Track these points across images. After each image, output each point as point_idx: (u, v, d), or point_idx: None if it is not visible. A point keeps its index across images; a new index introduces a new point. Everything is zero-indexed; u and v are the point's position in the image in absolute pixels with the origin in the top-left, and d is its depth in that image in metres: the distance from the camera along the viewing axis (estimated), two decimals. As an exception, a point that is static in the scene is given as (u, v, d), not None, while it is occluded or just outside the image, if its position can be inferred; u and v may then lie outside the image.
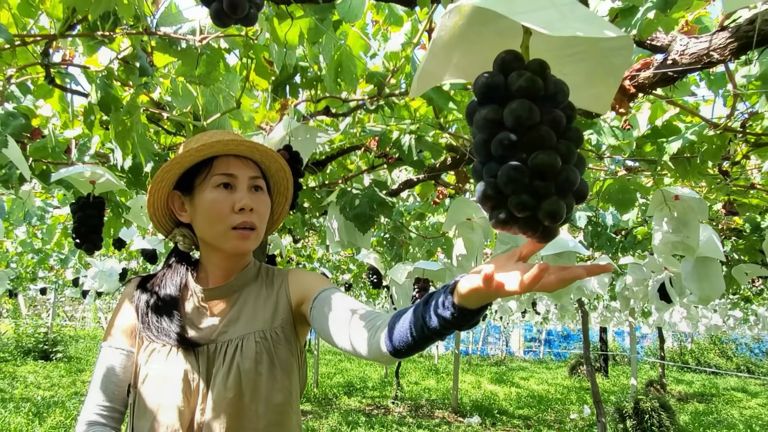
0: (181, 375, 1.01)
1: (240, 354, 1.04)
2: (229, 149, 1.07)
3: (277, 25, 1.23)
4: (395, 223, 3.11)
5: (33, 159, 1.80)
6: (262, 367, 1.04)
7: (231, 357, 1.04)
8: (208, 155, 1.07)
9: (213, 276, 1.14)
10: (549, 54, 0.63)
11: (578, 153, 0.58)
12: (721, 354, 16.60)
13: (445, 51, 0.66)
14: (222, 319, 1.10)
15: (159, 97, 1.68)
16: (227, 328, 1.08)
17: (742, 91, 1.46)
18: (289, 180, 1.21)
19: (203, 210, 1.06)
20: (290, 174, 1.20)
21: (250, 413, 1.02)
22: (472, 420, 7.43)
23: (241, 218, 1.06)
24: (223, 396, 1.01)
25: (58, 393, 7.66)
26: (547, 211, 0.54)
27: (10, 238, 5.19)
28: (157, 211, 1.13)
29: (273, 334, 1.08)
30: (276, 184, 1.21)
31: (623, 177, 2.23)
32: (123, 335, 1.10)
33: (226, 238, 1.06)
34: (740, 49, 1.17)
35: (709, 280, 2.57)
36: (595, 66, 0.69)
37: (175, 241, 1.17)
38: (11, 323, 13.74)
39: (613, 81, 0.71)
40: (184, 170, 1.09)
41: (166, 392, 1.01)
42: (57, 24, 1.30)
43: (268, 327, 1.09)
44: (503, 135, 0.56)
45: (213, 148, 1.05)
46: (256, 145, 1.08)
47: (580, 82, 0.69)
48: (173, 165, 1.06)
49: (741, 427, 7.71)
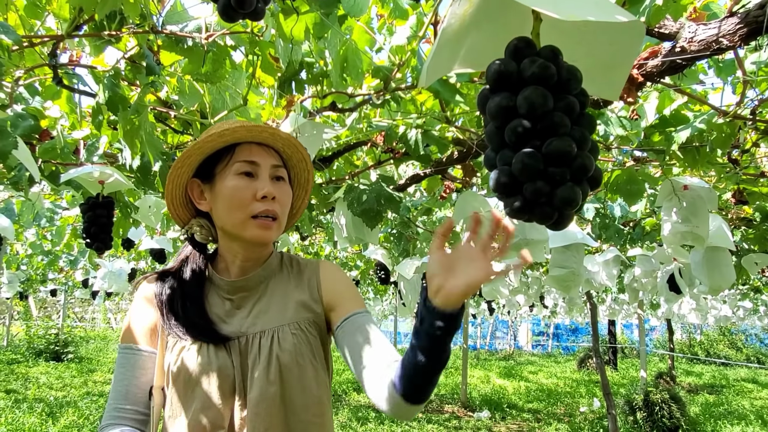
0: (216, 371, 0.99)
1: (278, 346, 1.02)
2: (252, 135, 1.05)
3: (282, 21, 1.22)
4: (402, 218, 3.11)
5: (42, 160, 1.82)
6: (302, 359, 1.03)
7: (268, 350, 1.01)
8: (231, 141, 1.05)
9: (234, 267, 1.10)
10: (559, 40, 0.63)
11: (591, 139, 0.58)
12: (731, 345, 16.52)
13: (455, 40, 0.66)
14: (250, 311, 1.07)
15: (166, 95, 1.69)
16: (257, 320, 1.06)
17: (752, 78, 1.45)
18: (310, 172, 1.18)
19: (224, 197, 1.03)
20: (311, 166, 1.17)
21: (293, 406, 1.00)
22: (481, 414, 7.43)
23: (263, 206, 1.03)
24: (266, 390, 0.98)
25: (70, 393, 7.72)
26: (562, 197, 0.54)
27: (20, 240, 5.23)
28: (175, 200, 1.11)
29: (306, 325, 1.07)
30: (297, 176, 1.18)
31: (631, 168, 2.22)
32: (143, 336, 1.06)
33: (246, 227, 1.03)
34: (750, 34, 1.16)
35: (719, 270, 2.56)
36: (605, 52, 0.69)
37: (191, 233, 1.13)
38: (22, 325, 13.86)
39: (624, 67, 0.71)
40: (205, 156, 1.07)
41: (202, 390, 0.98)
42: (64, 25, 1.30)
43: (301, 318, 1.07)
44: (517, 122, 0.55)
45: (236, 134, 1.03)
46: (279, 132, 1.06)
47: (590, 69, 0.69)
48: (194, 151, 1.04)
49: (752, 418, 7.68)
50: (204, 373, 0.99)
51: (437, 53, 0.65)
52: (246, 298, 1.09)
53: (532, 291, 6.55)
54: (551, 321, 20.17)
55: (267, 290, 1.11)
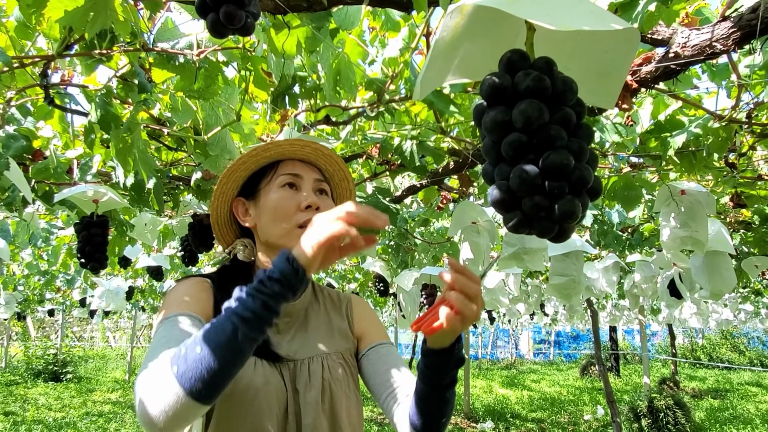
0: (273, 392, 0.96)
1: (329, 374, 1.02)
2: (295, 150, 1.05)
3: (274, 36, 1.22)
4: (400, 230, 3.10)
5: (35, 180, 1.80)
6: (350, 390, 1.05)
7: (320, 376, 1.01)
8: (275, 157, 1.06)
9: None
10: (553, 50, 0.62)
11: (590, 150, 0.57)
12: (734, 348, 16.47)
13: (448, 51, 0.65)
14: (293, 336, 1.06)
15: (159, 113, 1.68)
16: (302, 346, 1.05)
17: (746, 81, 1.45)
18: (351, 191, 1.18)
19: (269, 209, 1.03)
20: (353, 185, 1.17)
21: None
22: (485, 425, 7.36)
23: (307, 216, 1.01)
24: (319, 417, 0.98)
25: (69, 414, 7.64)
26: (562, 211, 0.53)
27: (16, 261, 5.20)
28: (220, 219, 1.11)
29: (349, 356, 1.10)
30: (339, 196, 1.18)
31: (628, 174, 2.21)
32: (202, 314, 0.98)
33: (291, 237, 1.01)
34: (743, 38, 1.15)
35: (720, 274, 2.54)
36: (600, 60, 0.68)
37: (235, 252, 1.12)
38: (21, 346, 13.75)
39: (619, 75, 0.70)
40: (249, 173, 1.07)
41: (257, 409, 0.94)
42: (54, 44, 1.29)
43: (344, 348, 1.10)
44: (513, 136, 0.54)
45: (280, 148, 1.04)
46: (322, 149, 1.07)
47: (585, 78, 0.68)
48: (238, 167, 1.04)
49: (758, 422, 7.63)
50: (260, 390, 0.95)
51: (430, 65, 0.64)
52: (288, 324, 1.08)
53: (532, 299, 6.52)
54: (552, 329, 20.11)
55: (307, 317, 1.11)
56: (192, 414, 0.75)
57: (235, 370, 0.75)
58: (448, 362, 0.88)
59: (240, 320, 0.73)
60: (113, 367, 13.92)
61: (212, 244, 2.42)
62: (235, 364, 0.74)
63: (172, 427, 0.75)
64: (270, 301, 0.74)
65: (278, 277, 0.75)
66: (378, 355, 1.10)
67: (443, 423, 0.95)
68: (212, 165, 1.62)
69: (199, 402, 0.73)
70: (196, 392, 0.72)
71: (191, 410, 0.74)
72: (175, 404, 0.73)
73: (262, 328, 0.74)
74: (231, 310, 0.74)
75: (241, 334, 0.73)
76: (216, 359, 0.72)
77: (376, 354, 1.10)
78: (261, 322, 0.74)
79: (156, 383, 0.75)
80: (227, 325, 0.73)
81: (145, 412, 0.75)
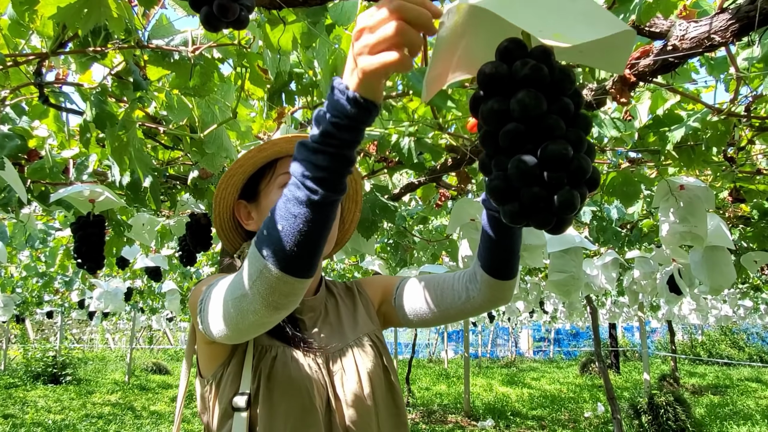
0: (312, 384, 0.94)
1: (363, 362, 1.01)
2: (291, 147, 1.00)
3: (269, 31, 1.21)
4: (399, 228, 3.09)
5: (31, 180, 1.79)
6: (387, 373, 1.04)
7: (354, 366, 1.00)
8: (272, 156, 1.03)
9: None
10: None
11: (588, 140, 0.56)
12: (733, 345, 16.49)
13: (448, 49, 0.64)
14: (320, 331, 1.05)
15: (154, 111, 1.67)
16: (330, 338, 1.04)
17: (745, 74, 1.44)
18: (357, 182, 1.16)
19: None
20: (359, 175, 1.15)
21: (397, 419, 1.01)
22: (485, 423, 7.36)
23: None
24: (361, 410, 0.96)
25: (69, 416, 7.63)
26: (561, 202, 0.52)
27: (14, 263, 5.18)
28: (224, 224, 1.08)
29: (376, 337, 1.09)
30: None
31: (627, 169, 2.21)
32: None
33: None
34: (742, 30, 1.14)
35: (719, 269, 2.54)
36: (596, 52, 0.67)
37: (244, 257, 1.07)
38: (20, 348, 13.73)
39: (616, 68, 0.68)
40: (247, 175, 1.05)
41: (301, 402, 0.91)
42: (48, 42, 1.28)
43: (370, 330, 1.09)
44: (511, 126, 0.53)
45: (276, 146, 1.01)
46: None
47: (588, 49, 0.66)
48: (236, 171, 1.02)
49: (758, 418, 7.63)
50: (304, 385, 0.93)
51: (434, 66, 0.63)
52: (312, 319, 1.07)
53: (531, 297, 6.52)
54: (552, 326, 20.11)
55: (328, 310, 1.10)
56: (294, 292, 0.69)
57: (325, 234, 0.67)
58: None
59: (316, 182, 0.64)
60: (113, 369, 13.89)
61: (210, 244, 2.41)
62: (324, 229, 0.67)
63: (272, 313, 0.70)
64: (345, 151, 0.64)
65: (348, 123, 0.63)
66: (405, 286, 1.11)
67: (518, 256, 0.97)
68: (209, 163, 1.61)
69: (296, 277, 0.67)
70: (292, 267, 0.66)
71: (291, 287, 0.68)
72: (270, 286, 0.67)
73: (342, 183, 0.66)
74: (301, 174, 0.65)
75: (320, 197, 0.64)
76: (302, 231, 0.65)
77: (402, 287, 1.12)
78: (340, 177, 0.65)
79: (244, 280, 0.70)
80: (301, 194, 0.65)
81: (234, 314, 0.72)
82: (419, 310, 1.10)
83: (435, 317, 1.08)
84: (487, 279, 0.98)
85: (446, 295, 1.06)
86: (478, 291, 1.02)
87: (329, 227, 0.67)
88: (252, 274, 0.69)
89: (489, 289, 1.00)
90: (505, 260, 0.96)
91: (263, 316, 0.71)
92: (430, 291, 1.08)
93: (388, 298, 1.15)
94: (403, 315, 1.13)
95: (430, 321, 1.10)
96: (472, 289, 1.03)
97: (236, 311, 0.73)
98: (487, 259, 0.97)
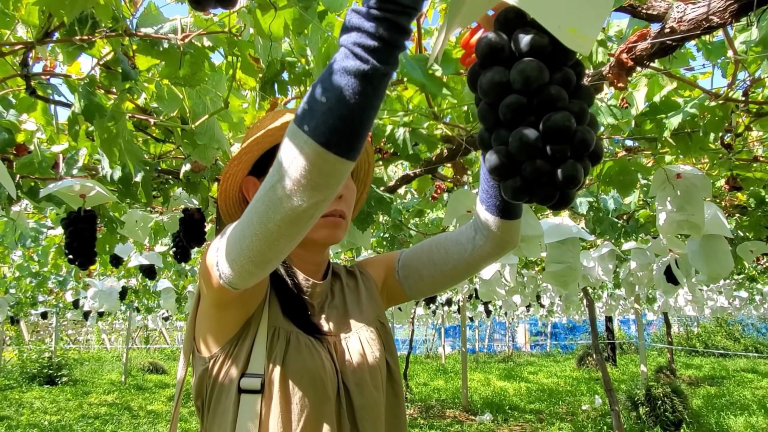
0: (325, 371, 0.90)
1: (371, 350, 0.98)
2: None
3: (260, 17, 1.18)
4: (394, 221, 3.07)
5: (20, 176, 1.76)
6: (391, 359, 1.02)
7: (362, 355, 0.97)
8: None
9: (304, 272, 1.03)
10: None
11: (590, 113, 0.54)
12: (728, 336, 16.58)
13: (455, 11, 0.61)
14: (327, 316, 1.01)
15: (144, 103, 1.64)
16: (338, 323, 1.01)
17: (743, 56, 1.43)
18: (370, 164, 1.12)
19: None
20: (372, 156, 1.11)
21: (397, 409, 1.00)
22: (483, 417, 7.37)
23: (331, 205, 0.97)
24: (371, 400, 0.94)
25: (65, 417, 7.58)
26: (564, 176, 0.50)
27: (6, 263, 5.13)
28: (229, 200, 1.03)
29: (380, 324, 1.06)
30: (356, 169, 1.12)
31: (623, 158, 2.19)
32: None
33: (315, 227, 0.96)
34: (740, 10, 1.13)
35: (717, 257, 2.53)
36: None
37: None
38: (15, 350, 13.65)
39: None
40: (263, 152, 0.98)
41: (313, 390, 0.88)
42: (34, 31, 1.25)
43: (374, 317, 1.06)
44: (512, 98, 0.51)
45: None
46: None
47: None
48: (252, 146, 0.96)
49: (755, 408, 7.67)
50: (317, 373, 0.90)
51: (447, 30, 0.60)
52: (321, 303, 1.03)
53: (528, 290, 6.52)
54: (548, 320, 20.17)
55: (335, 294, 1.07)
56: (334, 173, 0.62)
57: (371, 112, 0.61)
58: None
59: (367, 51, 0.58)
60: (109, 369, 13.84)
61: (204, 239, 2.38)
62: (369, 106, 0.60)
63: (309, 197, 0.63)
64: (402, 20, 0.57)
65: None
66: (408, 254, 1.10)
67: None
68: (201, 155, 1.58)
69: (338, 155, 0.61)
70: (334, 143, 0.60)
71: (332, 167, 0.62)
72: (310, 163, 0.61)
73: (394, 56, 0.59)
74: (352, 43, 0.59)
75: (370, 67, 0.58)
76: (348, 104, 0.59)
77: (405, 257, 1.10)
78: (392, 49, 0.59)
79: (282, 162, 0.64)
80: (349, 63, 0.58)
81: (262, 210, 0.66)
82: (426, 275, 1.07)
83: (443, 278, 1.06)
84: (494, 220, 0.96)
85: (451, 251, 1.04)
86: (484, 238, 0.99)
87: (375, 106, 0.61)
88: (289, 154, 0.63)
89: (497, 232, 0.97)
90: None
91: (299, 201, 0.64)
92: (434, 252, 1.06)
93: (391, 272, 1.12)
94: (409, 286, 1.11)
95: (439, 283, 1.08)
96: (479, 238, 1.01)
97: (266, 205, 0.66)
98: (492, 198, 0.94)
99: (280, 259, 0.72)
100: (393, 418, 0.99)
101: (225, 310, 0.89)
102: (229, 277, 0.77)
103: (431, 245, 1.08)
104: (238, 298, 0.86)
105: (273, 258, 0.71)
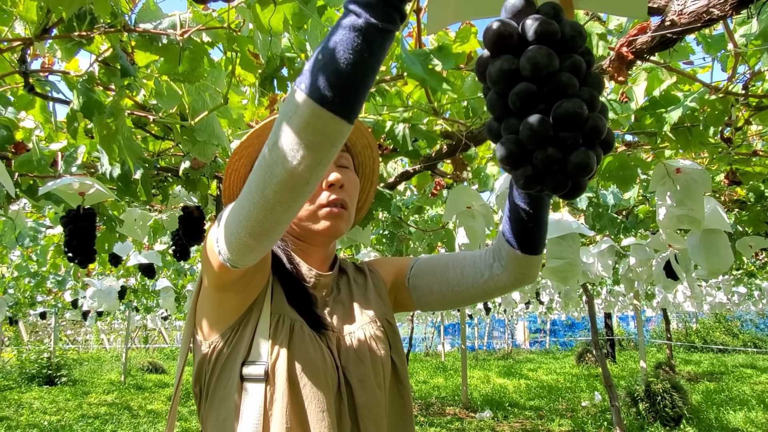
0: (325, 365, 0.88)
1: (376, 347, 0.96)
2: None
3: (259, 12, 1.17)
4: (394, 218, 3.06)
5: (19, 174, 1.75)
6: (398, 359, 1.00)
7: (367, 352, 0.95)
8: None
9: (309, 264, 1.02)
10: None
11: (600, 100, 0.53)
12: (727, 332, 16.61)
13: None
14: (331, 310, 1.00)
15: (143, 100, 1.63)
16: (343, 318, 0.99)
17: (743, 49, 1.42)
18: (375, 160, 1.10)
19: None
20: (377, 153, 1.09)
21: (402, 411, 0.97)
22: (483, 414, 7.37)
23: (331, 194, 0.96)
24: (374, 399, 0.92)
25: (64, 417, 7.57)
26: (576, 163, 0.49)
27: (5, 263, 5.11)
28: (234, 196, 1.02)
29: (387, 322, 1.03)
30: (361, 164, 1.11)
31: (623, 153, 2.19)
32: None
33: (316, 218, 0.96)
34: (741, 2, 1.12)
35: (717, 252, 2.53)
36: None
37: None
38: (14, 351, 13.61)
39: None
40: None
41: (315, 382, 0.86)
42: (32, 27, 1.24)
43: (380, 314, 1.03)
44: (522, 86, 0.51)
45: None
46: None
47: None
48: (252, 141, 0.95)
49: (754, 403, 7.69)
50: (320, 367, 0.88)
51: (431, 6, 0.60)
52: (325, 297, 1.01)
53: (527, 287, 6.52)
54: (548, 318, 20.19)
55: (341, 288, 1.05)
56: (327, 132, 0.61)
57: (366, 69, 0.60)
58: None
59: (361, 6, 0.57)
60: (108, 369, 13.81)
61: (203, 237, 2.37)
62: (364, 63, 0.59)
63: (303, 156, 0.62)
64: None
65: None
66: (421, 264, 1.07)
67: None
68: (200, 152, 1.58)
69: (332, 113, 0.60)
70: (328, 101, 0.59)
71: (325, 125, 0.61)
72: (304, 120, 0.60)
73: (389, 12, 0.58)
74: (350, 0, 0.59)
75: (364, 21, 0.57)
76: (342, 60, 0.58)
77: (418, 266, 1.07)
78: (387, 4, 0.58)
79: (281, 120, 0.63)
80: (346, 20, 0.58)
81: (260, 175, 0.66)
82: (437, 290, 1.04)
83: (454, 298, 1.03)
84: (515, 254, 0.92)
85: (467, 273, 1.01)
86: (503, 268, 0.96)
87: (371, 64, 0.59)
88: (288, 112, 0.62)
89: (516, 265, 0.94)
90: (535, 232, 0.90)
91: (293, 162, 0.62)
92: (449, 269, 1.03)
93: (401, 279, 1.09)
94: (417, 296, 1.08)
95: (448, 301, 1.05)
96: (497, 266, 0.97)
97: (263, 169, 0.66)
98: (516, 232, 0.91)
99: (277, 232, 0.71)
100: (399, 420, 0.97)
101: (225, 291, 0.88)
102: (227, 253, 0.76)
103: (447, 262, 1.05)
104: (239, 280, 0.85)
105: (270, 230, 0.70)
